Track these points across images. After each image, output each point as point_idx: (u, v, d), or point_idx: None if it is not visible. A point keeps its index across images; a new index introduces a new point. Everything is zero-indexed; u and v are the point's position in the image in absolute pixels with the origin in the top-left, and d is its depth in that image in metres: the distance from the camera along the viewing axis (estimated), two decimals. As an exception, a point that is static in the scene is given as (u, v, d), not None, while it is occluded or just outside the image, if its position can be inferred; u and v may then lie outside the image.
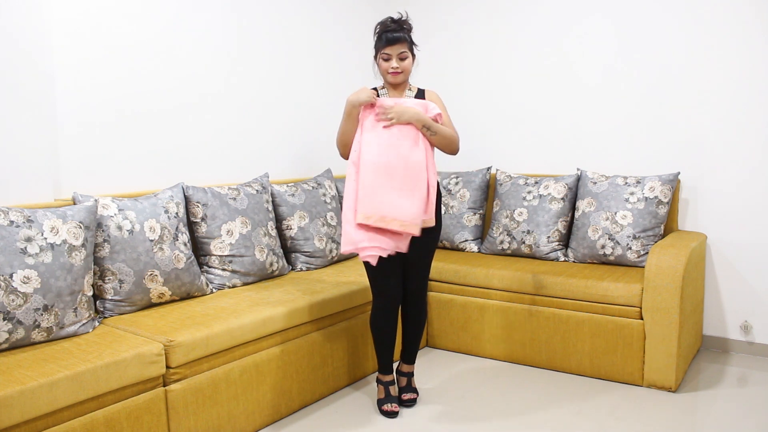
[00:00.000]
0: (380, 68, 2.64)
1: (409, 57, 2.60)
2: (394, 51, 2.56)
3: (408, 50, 2.58)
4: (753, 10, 3.24)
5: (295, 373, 2.70)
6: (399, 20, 2.59)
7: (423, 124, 2.55)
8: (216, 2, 3.31)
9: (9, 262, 2.10)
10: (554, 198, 3.54)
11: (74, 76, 2.71)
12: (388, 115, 2.52)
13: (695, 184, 3.47)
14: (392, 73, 2.59)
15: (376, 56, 2.63)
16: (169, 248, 2.65)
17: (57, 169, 2.67)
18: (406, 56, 2.58)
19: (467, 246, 3.80)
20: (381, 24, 2.61)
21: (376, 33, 2.61)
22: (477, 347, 3.39)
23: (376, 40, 2.60)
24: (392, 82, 2.63)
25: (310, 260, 3.35)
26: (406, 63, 2.59)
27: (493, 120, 4.11)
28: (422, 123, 2.55)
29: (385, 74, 2.63)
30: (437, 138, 2.60)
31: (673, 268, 2.83)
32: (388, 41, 2.55)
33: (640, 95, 3.59)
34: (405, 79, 2.65)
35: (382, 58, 2.60)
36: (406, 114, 2.53)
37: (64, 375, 1.92)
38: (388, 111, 2.53)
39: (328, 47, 4.03)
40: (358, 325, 3.03)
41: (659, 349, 2.87)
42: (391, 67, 2.58)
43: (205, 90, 3.27)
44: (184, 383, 2.27)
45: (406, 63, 2.59)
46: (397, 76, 2.60)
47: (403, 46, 2.56)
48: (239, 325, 2.45)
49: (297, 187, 3.46)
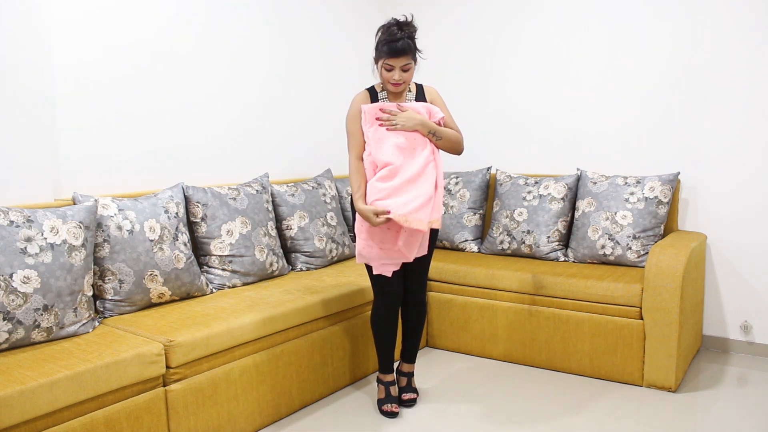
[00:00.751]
0: (381, 76, 2.55)
1: (412, 67, 2.52)
2: (397, 63, 2.47)
3: (412, 60, 2.50)
4: (752, 10, 3.24)
5: (295, 373, 2.70)
6: (404, 25, 2.47)
7: (429, 130, 2.53)
8: (216, 2, 3.31)
9: (9, 262, 2.10)
10: (554, 198, 3.54)
11: (74, 76, 2.71)
12: (393, 121, 2.50)
13: (695, 184, 3.47)
14: (394, 84, 2.53)
15: (377, 60, 2.53)
16: (169, 248, 2.65)
17: (57, 169, 2.67)
18: (409, 68, 2.50)
19: (467, 246, 3.80)
20: (385, 30, 2.47)
21: (378, 38, 2.49)
22: (477, 347, 3.39)
23: (380, 46, 2.48)
24: (393, 91, 2.59)
25: (310, 260, 3.35)
26: (408, 75, 2.52)
27: (493, 120, 4.11)
28: (428, 129, 2.53)
29: (387, 83, 2.55)
30: (443, 142, 2.58)
31: (673, 268, 2.83)
32: (391, 52, 2.44)
33: (641, 95, 3.59)
34: (406, 88, 2.63)
35: (384, 68, 2.50)
36: (411, 121, 2.50)
37: (64, 375, 1.92)
38: (393, 117, 2.51)
39: (328, 47, 4.03)
40: (358, 325, 3.03)
41: (659, 349, 2.87)
42: (393, 79, 2.50)
43: (205, 90, 3.27)
44: (184, 383, 2.27)
45: (408, 75, 2.52)
46: (399, 87, 2.55)
47: (407, 59, 2.47)
48: (239, 325, 2.45)
49: (297, 187, 3.46)
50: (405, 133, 2.51)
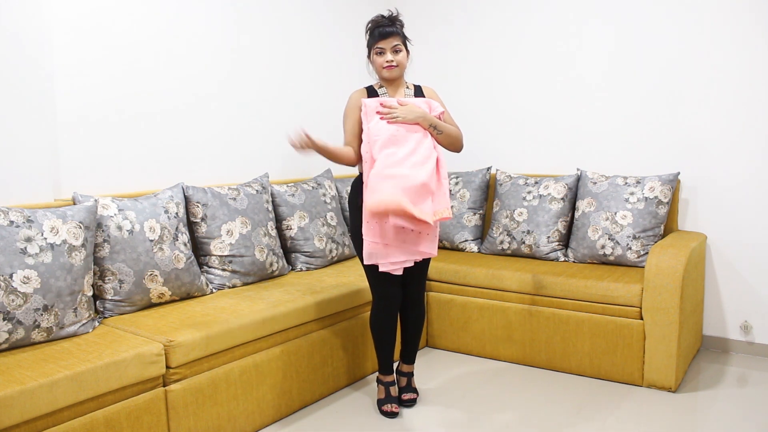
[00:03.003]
0: (375, 65, 2.61)
1: (403, 50, 2.58)
2: (387, 45, 2.54)
3: (401, 44, 2.57)
4: (752, 10, 3.24)
5: (295, 374, 2.70)
6: (390, 16, 2.58)
7: (430, 123, 2.54)
8: (216, 2, 3.30)
9: (9, 262, 2.10)
10: (554, 198, 3.53)
11: (74, 75, 2.71)
12: (393, 114, 2.51)
13: (695, 184, 3.47)
14: (387, 66, 2.56)
15: (370, 54, 2.61)
16: (169, 248, 2.65)
17: (57, 169, 2.67)
18: (399, 49, 2.57)
19: (467, 246, 3.80)
20: (372, 21, 2.59)
21: (368, 30, 2.59)
22: (477, 347, 3.38)
23: (369, 37, 2.59)
24: (388, 77, 2.60)
25: (310, 260, 3.35)
26: (400, 56, 2.57)
27: (493, 120, 4.11)
28: (429, 122, 2.54)
29: (380, 69, 2.59)
30: (443, 137, 2.59)
31: (673, 269, 2.83)
32: (381, 35, 2.53)
33: (641, 95, 3.59)
34: (400, 74, 2.63)
35: (375, 53, 2.58)
36: (412, 114, 2.52)
37: (64, 375, 1.92)
38: (394, 110, 2.52)
39: (328, 47, 4.03)
40: (358, 325, 3.03)
41: (659, 349, 2.87)
42: (386, 61, 2.55)
43: (204, 90, 3.27)
44: (184, 383, 2.27)
45: (400, 56, 2.57)
46: (393, 70, 2.57)
47: (396, 39, 2.55)
48: (239, 326, 2.45)
49: (297, 187, 3.46)
50: (405, 126, 2.51)
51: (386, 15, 2.58)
